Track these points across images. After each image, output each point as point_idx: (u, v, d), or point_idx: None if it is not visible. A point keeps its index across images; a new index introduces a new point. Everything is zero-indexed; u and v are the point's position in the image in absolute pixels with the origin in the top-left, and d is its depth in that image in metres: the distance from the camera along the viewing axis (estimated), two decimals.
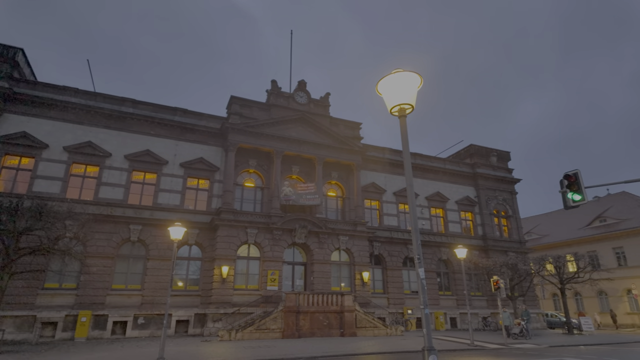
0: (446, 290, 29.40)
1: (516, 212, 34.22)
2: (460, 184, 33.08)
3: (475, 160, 34.27)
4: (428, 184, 31.72)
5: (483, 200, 32.89)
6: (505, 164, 35.82)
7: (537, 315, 31.10)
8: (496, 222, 33.01)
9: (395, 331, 21.52)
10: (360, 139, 29.16)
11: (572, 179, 11.74)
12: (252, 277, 23.22)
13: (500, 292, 18.56)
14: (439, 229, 31.00)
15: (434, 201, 31.28)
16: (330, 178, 27.89)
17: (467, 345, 16.72)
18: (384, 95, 5.31)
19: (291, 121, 26.74)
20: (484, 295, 29.90)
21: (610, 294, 37.49)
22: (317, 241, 24.81)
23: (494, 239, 31.67)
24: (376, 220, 29.05)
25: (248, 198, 25.52)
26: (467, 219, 32.41)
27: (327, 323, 20.40)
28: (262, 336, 18.93)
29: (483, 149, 35.17)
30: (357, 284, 25.10)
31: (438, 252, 29.65)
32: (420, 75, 5.19)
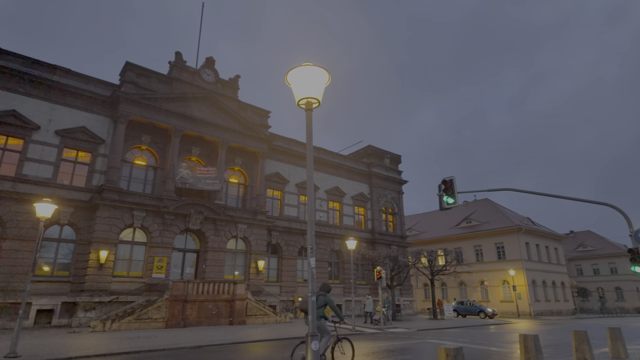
0: (335, 279, 31.14)
1: (401, 210, 37.83)
2: (357, 180, 35.23)
3: (371, 160, 36.81)
4: (329, 178, 33.05)
5: (375, 197, 35.58)
6: (396, 166, 39.24)
7: (410, 303, 35.00)
8: (384, 218, 36.04)
9: (285, 318, 22.06)
10: (268, 127, 28.92)
11: (448, 184, 13.41)
12: (135, 264, 21.36)
13: (382, 281, 20.38)
14: (335, 222, 32.61)
15: (332, 195, 32.74)
16: (234, 164, 27.10)
17: (349, 331, 18.00)
18: (293, 86, 5.32)
19: (195, 99, 25.17)
20: (367, 284, 32.48)
21: (468, 285, 44.16)
22: (214, 228, 23.95)
23: (380, 233, 34.55)
24: (277, 210, 29.24)
25: (137, 177, 23.32)
26: (360, 213, 34.73)
27: (217, 312, 19.92)
28: (142, 326, 17.61)
29: (379, 150, 37.97)
30: (251, 272, 24.99)
31: (332, 243, 31.19)
32: (328, 72, 5.32)
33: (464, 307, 34.84)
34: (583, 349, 8.28)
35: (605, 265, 63.69)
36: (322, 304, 8.61)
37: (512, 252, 41.37)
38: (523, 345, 6.89)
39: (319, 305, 8.56)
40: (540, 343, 7.01)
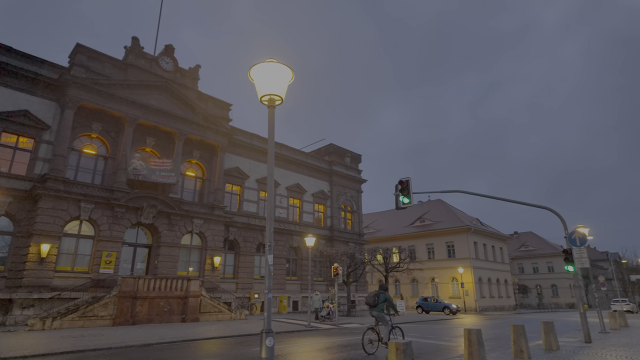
0: (292, 276, 31.20)
1: (360, 208, 38.59)
2: (318, 178, 35.46)
3: (332, 159, 37.18)
4: (290, 175, 32.98)
5: (335, 195, 36.01)
6: (356, 165, 39.93)
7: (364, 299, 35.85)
8: (343, 216, 36.59)
9: (240, 315, 21.81)
10: (229, 121, 28.32)
11: (404, 185, 13.87)
12: (81, 258, 20.17)
13: (338, 278, 20.71)
14: (294, 218, 32.63)
15: (293, 192, 32.73)
16: (191, 157, 26.29)
17: (305, 327, 18.15)
18: (256, 82, 5.28)
19: (152, 87, 24.12)
20: (324, 281, 32.86)
21: (420, 282, 45.93)
22: (167, 223, 23.14)
23: (339, 231, 35.06)
24: (236, 206, 28.76)
25: (86, 167, 21.99)
26: (320, 210, 35.01)
27: (169, 309, 19.30)
28: (87, 324, 16.69)
29: (340, 149, 38.44)
30: (207, 268, 24.43)
31: (291, 239, 31.19)
32: (292, 70, 5.33)
33: (428, 304, 35.44)
34: (520, 342, 8.94)
35: (544, 264, 68.86)
36: (382, 300, 10.65)
37: (461, 250, 43.54)
38: (467, 339, 7.32)
39: (380, 301, 10.61)
40: (482, 337, 7.49)
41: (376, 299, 10.65)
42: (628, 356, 9.53)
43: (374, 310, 10.71)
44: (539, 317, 31.13)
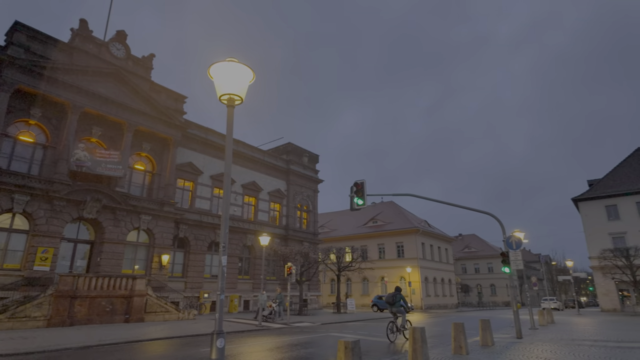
0: (245, 275, 30.81)
1: (315, 208, 38.91)
2: (275, 176, 35.27)
3: (290, 158, 37.16)
4: (246, 172, 32.51)
5: (291, 194, 36.02)
6: (314, 164, 40.21)
7: (316, 297, 36.22)
8: (298, 215, 36.71)
9: (188, 315, 21.19)
10: (183, 114, 27.35)
11: (359, 187, 14.24)
12: (12, 255, 18.58)
13: (292, 277, 20.78)
14: (249, 217, 32.22)
15: (249, 190, 32.29)
16: (141, 149, 25.09)
17: (256, 326, 18.03)
18: (216, 80, 5.21)
19: (101, 74, 22.73)
20: (277, 280, 32.78)
21: (371, 280, 47.21)
22: (113, 218, 21.93)
23: (294, 230, 35.12)
24: (187, 202, 27.85)
25: (22, 156, 20.27)
26: (275, 209, 34.86)
27: (111, 309, 18.31)
28: (18, 326, 15.41)
29: (298, 148, 38.52)
30: (154, 267, 23.46)
31: (244, 238, 30.77)
32: (253, 71, 5.33)
33: (383, 302, 36.24)
34: (460, 339, 9.55)
35: (485, 265, 73.48)
36: (399, 299, 13.51)
37: (410, 251, 45.33)
38: (412, 337, 7.71)
39: (397, 300, 13.50)
40: (425, 334, 7.93)
41: (394, 298, 13.53)
42: (552, 350, 10.50)
43: (394, 307, 13.53)
44: (478, 314, 33.22)
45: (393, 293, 13.75)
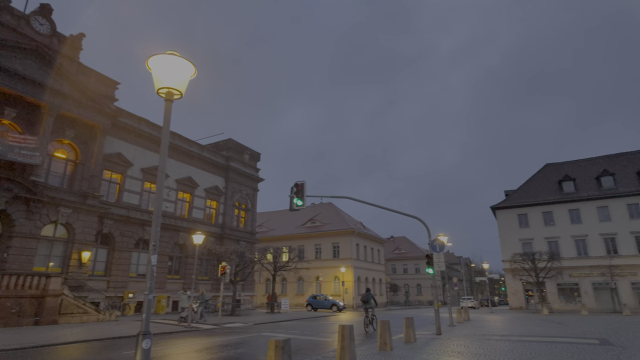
0: (175, 274, 29.50)
1: (254, 207, 38.46)
2: (213, 173, 34.23)
3: (230, 154, 36.33)
4: (181, 167, 31.15)
5: (230, 191, 35.21)
6: (255, 162, 39.72)
7: (250, 298, 35.79)
8: (236, 213, 36.00)
9: (110, 316, 19.79)
10: (114, 100, 25.47)
11: (299, 188, 14.43)
12: None
13: (225, 277, 20.35)
14: (182, 213, 30.90)
15: (184, 185, 30.96)
16: (63, 136, 22.93)
17: (184, 328, 17.39)
18: (154, 73, 5.03)
19: (19, 49, 20.37)
20: (210, 280, 31.84)
21: (306, 280, 47.73)
22: (25, 210, 19.78)
23: (231, 228, 34.37)
24: (114, 195, 25.98)
25: None
26: (212, 207, 33.83)
27: (18, 310, 16.48)
28: None
29: (240, 145, 37.79)
30: (72, 264, 21.54)
31: (176, 236, 29.45)
32: (194, 66, 5.23)
33: (317, 302, 36.67)
34: (385, 336, 10.13)
35: (412, 265, 77.90)
36: (370, 298, 16.91)
37: (345, 251, 46.65)
38: (340, 335, 8.03)
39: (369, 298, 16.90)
40: (354, 332, 8.31)
41: (367, 297, 16.84)
42: (465, 345, 11.54)
43: (367, 304, 16.82)
44: (404, 313, 35.19)
45: (365, 293, 17.09)
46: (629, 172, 40.43)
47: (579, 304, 37.10)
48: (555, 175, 44.32)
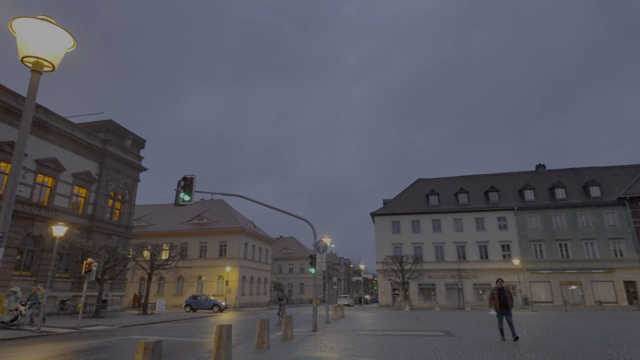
0: (25, 270, 25.08)
1: (133, 198, 35.03)
2: (85, 156, 30.12)
3: (109, 137, 32.47)
4: (45, 145, 26.66)
5: (104, 179, 31.41)
6: (138, 150, 36.23)
7: (120, 298, 32.42)
8: (110, 204, 32.27)
9: None
10: None
11: (188, 182, 13.76)
12: None
13: (91, 274, 18.13)
14: (41, 200, 26.45)
15: (46, 167, 26.52)
16: None
17: (32, 332, 14.93)
18: (19, 37, 4.34)
19: None
20: (70, 277, 27.91)
21: (186, 280, 45.24)
22: None
23: (102, 221, 30.67)
24: None
25: None
26: (80, 195, 29.70)
27: None
28: None
29: (121, 128, 34.04)
30: None
31: (31, 226, 25.06)
32: (74, 39, 4.68)
33: (197, 302, 35.04)
34: (263, 334, 10.32)
35: (298, 265, 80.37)
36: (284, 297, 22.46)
37: (232, 250, 45.69)
38: (218, 335, 7.93)
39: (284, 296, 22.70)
40: (232, 332, 8.28)
41: (283, 295, 22.46)
42: (337, 340, 12.46)
43: (282, 301, 22.39)
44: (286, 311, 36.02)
45: (283, 294, 22.73)
46: (479, 191, 48.61)
47: (434, 301, 43.02)
48: (424, 189, 50.72)
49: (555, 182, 45.94)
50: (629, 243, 40.50)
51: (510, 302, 11.43)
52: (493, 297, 11.69)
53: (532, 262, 42.32)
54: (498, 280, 12.00)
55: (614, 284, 39.96)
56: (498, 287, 11.76)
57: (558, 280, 41.38)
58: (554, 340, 11.69)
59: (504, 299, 11.45)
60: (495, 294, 11.66)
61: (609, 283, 40.20)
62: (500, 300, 11.47)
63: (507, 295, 11.50)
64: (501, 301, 11.46)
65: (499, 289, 11.67)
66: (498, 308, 11.53)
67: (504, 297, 11.47)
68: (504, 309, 11.43)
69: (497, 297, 11.57)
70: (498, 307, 11.53)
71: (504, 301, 11.44)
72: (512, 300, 11.49)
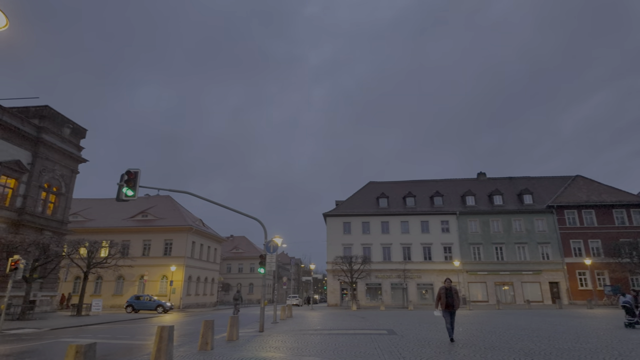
0: None
1: (70, 192, 32.56)
2: (15, 144, 27.52)
3: (45, 124, 29.91)
4: None
5: (37, 170, 28.89)
6: (78, 139, 33.74)
7: (50, 298, 29.98)
8: (43, 197, 29.73)
9: None
10: None
11: (132, 176, 13.09)
12: None
13: (17, 273, 16.63)
14: None
15: None
16: None
17: None
18: None
19: None
20: None
21: (127, 279, 42.86)
22: None
23: (33, 214, 28.17)
24: None
25: None
26: (8, 185, 27.08)
27: None
28: None
29: (59, 115, 31.49)
30: None
31: None
32: (6, 17, 4.31)
33: (140, 302, 33.66)
34: (207, 335, 10.08)
35: (248, 265, 79.13)
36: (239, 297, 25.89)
37: (178, 249, 43.99)
38: (158, 336, 7.63)
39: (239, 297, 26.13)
40: (173, 333, 8.01)
41: (238, 296, 25.12)
42: (283, 340, 12.48)
43: (237, 301, 25.12)
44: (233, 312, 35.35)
45: (239, 295, 25.58)
46: (425, 195, 50.92)
47: (380, 301, 44.38)
48: (375, 192, 52.20)
49: (494, 190, 49.35)
50: (555, 247, 44.53)
51: (457, 302, 11.05)
52: (440, 297, 11.20)
53: (470, 263, 45.10)
54: (446, 280, 11.54)
55: (541, 285, 43.71)
56: (446, 286, 11.27)
57: (493, 281, 44.47)
58: (486, 337, 12.57)
59: (450, 299, 11.02)
60: (442, 294, 11.18)
61: (536, 284, 43.90)
62: (447, 301, 11.03)
63: (454, 295, 11.08)
64: (448, 301, 11.03)
65: (447, 288, 11.20)
66: (444, 308, 11.08)
67: (451, 297, 11.05)
68: (450, 308, 11.03)
69: (443, 296, 11.11)
70: (444, 307, 11.08)
71: (450, 301, 11.01)
72: (459, 301, 11.11)
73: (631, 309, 15.25)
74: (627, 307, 15.33)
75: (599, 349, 9.70)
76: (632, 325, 15.09)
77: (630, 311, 15.26)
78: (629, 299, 15.49)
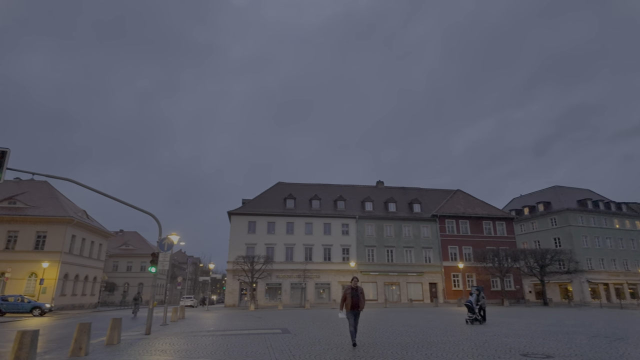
0: None
1: None
2: None
3: None
4: None
5: None
6: None
7: None
8: None
9: None
10: None
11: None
12: None
13: None
14: None
15: None
16: None
17: None
18: None
19: None
20: None
21: None
22: None
23: None
24: None
25: None
26: None
27: None
28: None
29: None
30: None
31: None
32: None
33: (9, 304, 29.27)
34: (81, 340, 9.06)
35: (138, 263, 72.81)
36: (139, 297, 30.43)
37: (54, 243, 38.53)
38: (18, 343, 6.65)
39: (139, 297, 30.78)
40: (37, 338, 7.04)
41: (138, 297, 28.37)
42: (171, 342, 11.84)
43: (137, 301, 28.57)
44: (117, 314, 32.23)
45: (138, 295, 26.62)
46: (330, 199, 53.08)
47: (278, 300, 44.79)
48: (283, 193, 52.65)
49: (389, 197, 53.75)
50: (436, 252, 50.23)
51: (363, 302, 10.27)
52: (345, 298, 10.20)
53: (365, 264, 48.32)
54: (353, 278, 10.60)
55: (422, 285, 48.87)
56: (352, 286, 10.31)
57: (383, 281, 48.28)
58: (370, 333, 13.65)
59: (356, 299, 10.13)
60: (347, 294, 10.19)
61: (419, 284, 48.95)
62: (353, 301, 10.09)
63: (360, 295, 10.24)
64: (353, 301, 10.09)
65: (353, 288, 10.26)
66: (349, 309, 10.09)
67: (357, 297, 10.16)
68: (355, 309, 10.13)
69: (349, 296, 10.13)
70: (349, 308, 10.09)
71: (356, 302, 10.11)
72: (364, 301, 10.35)
73: (472, 307, 17.76)
74: (469, 305, 17.86)
75: (461, 341, 11.28)
76: (472, 322, 17.49)
77: (471, 309, 17.77)
78: (473, 299, 17.99)
